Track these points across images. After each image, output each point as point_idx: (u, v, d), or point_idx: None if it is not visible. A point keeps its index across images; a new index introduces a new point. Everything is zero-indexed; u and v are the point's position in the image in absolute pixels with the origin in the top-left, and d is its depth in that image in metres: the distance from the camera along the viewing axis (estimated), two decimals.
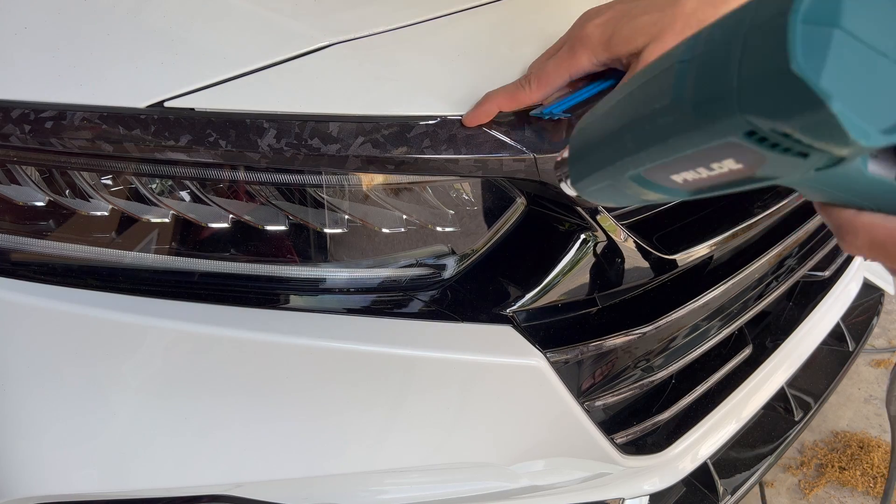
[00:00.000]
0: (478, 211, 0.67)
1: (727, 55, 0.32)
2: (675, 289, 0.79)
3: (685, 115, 0.35)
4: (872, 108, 0.29)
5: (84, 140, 0.57)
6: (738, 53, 0.31)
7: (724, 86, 0.32)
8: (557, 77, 0.57)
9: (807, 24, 0.29)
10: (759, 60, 0.30)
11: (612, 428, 0.81)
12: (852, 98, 0.29)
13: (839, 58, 0.28)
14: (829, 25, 0.29)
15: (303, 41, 0.61)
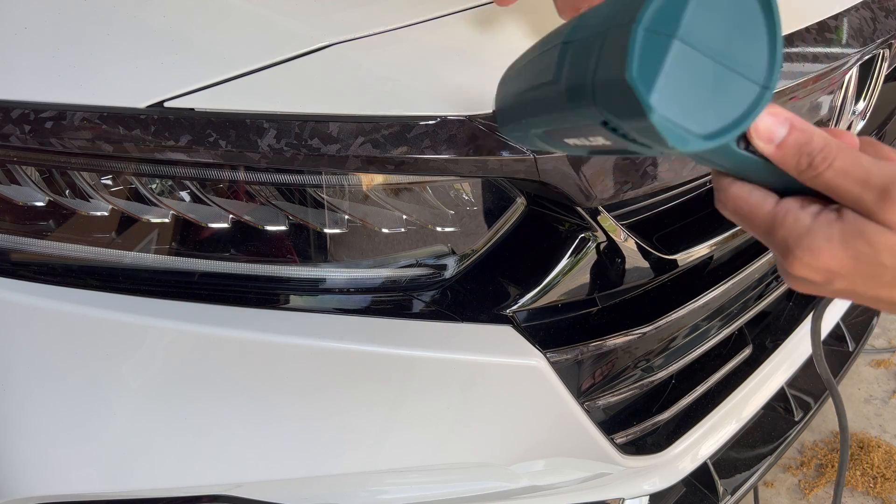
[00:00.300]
0: (478, 211, 0.67)
1: (592, 49, 0.35)
2: (675, 289, 0.79)
3: (560, 96, 0.38)
4: (698, 115, 0.32)
5: (84, 140, 0.57)
6: (598, 50, 0.34)
7: (587, 79, 0.35)
8: None
9: (648, 33, 0.31)
10: (609, 63, 0.33)
11: (612, 428, 0.81)
12: (678, 107, 0.32)
13: (673, 69, 0.31)
14: (668, 36, 0.31)
15: (303, 41, 0.60)
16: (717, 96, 0.33)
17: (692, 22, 0.32)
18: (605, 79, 0.33)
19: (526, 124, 0.45)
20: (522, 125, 0.45)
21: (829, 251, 0.36)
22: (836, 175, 0.35)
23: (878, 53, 0.88)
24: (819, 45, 0.77)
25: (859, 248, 0.35)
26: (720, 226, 0.79)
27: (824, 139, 0.36)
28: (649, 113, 0.31)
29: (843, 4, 0.84)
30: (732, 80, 0.33)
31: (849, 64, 0.81)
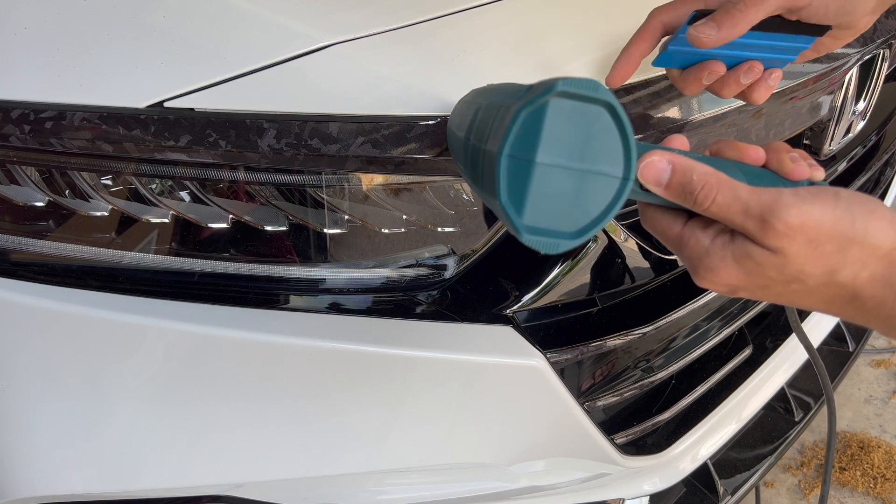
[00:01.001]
0: (478, 211, 0.67)
1: (477, 159, 0.40)
2: (675, 289, 0.78)
3: (466, 176, 0.46)
4: (567, 218, 0.38)
5: (84, 140, 0.57)
6: (481, 163, 0.39)
7: (477, 181, 0.41)
8: (692, 3, 0.52)
9: (511, 160, 0.36)
10: (488, 181, 0.38)
11: (612, 428, 0.81)
12: (548, 217, 0.37)
13: (539, 187, 0.36)
14: (529, 161, 0.36)
15: (303, 41, 0.60)
16: (582, 197, 0.38)
17: (548, 141, 0.36)
18: (487, 193, 0.39)
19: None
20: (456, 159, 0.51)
21: (724, 269, 0.42)
22: (719, 209, 0.40)
23: (878, 53, 0.88)
24: None
25: (749, 267, 0.41)
26: None
27: (704, 177, 0.41)
28: (520, 234, 0.37)
29: None
30: (594, 180, 0.38)
31: (849, 64, 0.81)
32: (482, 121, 0.41)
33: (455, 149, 0.49)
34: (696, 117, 0.65)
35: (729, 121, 0.68)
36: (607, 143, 0.37)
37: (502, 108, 0.38)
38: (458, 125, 0.48)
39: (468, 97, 0.51)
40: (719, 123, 0.68)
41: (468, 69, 0.61)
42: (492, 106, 0.41)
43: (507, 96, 0.40)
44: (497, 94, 0.43)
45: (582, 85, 0.36)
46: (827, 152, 0.89)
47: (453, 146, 0.50)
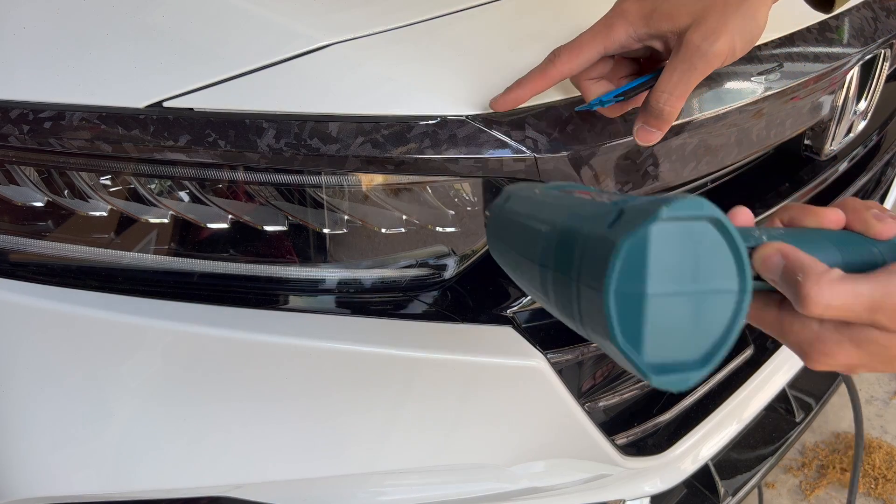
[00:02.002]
0: (478, 211, 0.66)
1: (570, 293, 0.37)
2: None
3: (550, 307, 0.41)
4: (690, 345, 0.34)
5: (83, 140, 0.57)
6: (577, 299, 0.36)
7: (574, 317, 0.37)
8: (591, 48, 0.54)
9: (620, 297, 0.33)
10: (593, 321, 0.34)
11: (612, 429, 0.81)
12: (670, 350, 0.34)
13: (655, 320, 0.33)
14: (640, 294, 0.33)
15: (303, 41, 0.60)
16: (700, 319, 0.34)
17: (656, 270, 0.33)
18: (594, 333, 0.35)
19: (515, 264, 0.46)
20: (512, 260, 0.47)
21: (843, 353, 0.39)
22: (839, 309, 0.37)
23: (879, 53, 0.87)
24: (820, 45, 0.77)
25: (871, 349, 0.38)
26: None
27: (816, 275, 0.37)
28: (647, 376, 0.33)
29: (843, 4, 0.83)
30: (710, 299, 0.34)
31: (850, 64, 0.80)
32: (562, 248, 0.38)
33: (514, 264, 0.46)
34: (697, 117, 0.65)
35: (730, 121, 0.68)
36: (717, 258, 0.34)
37: (591, 239, 0.35)
38: (519, 243, 0.44)
39: (516, 207, 0.47)
40: (720, 123, 0.67)
41: (468, 69, 0.61)
42: (571, 232, 0.37)
43: (587, 221, 0.36)
44: (571, 216, 0.39)
45: (687, 206, 0.33)
46: (828, 152, 0.89)
47: (513, 262, 0.47)
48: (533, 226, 0.43)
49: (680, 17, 0.51)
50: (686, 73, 0.51)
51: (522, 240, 0.44)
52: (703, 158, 0.69)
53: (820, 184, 0.90)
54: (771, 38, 0.74)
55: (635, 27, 0.53)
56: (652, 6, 0.52)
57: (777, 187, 0.86)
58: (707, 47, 0.50)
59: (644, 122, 0.54)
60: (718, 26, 0.50)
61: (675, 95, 0.52)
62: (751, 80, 0.69)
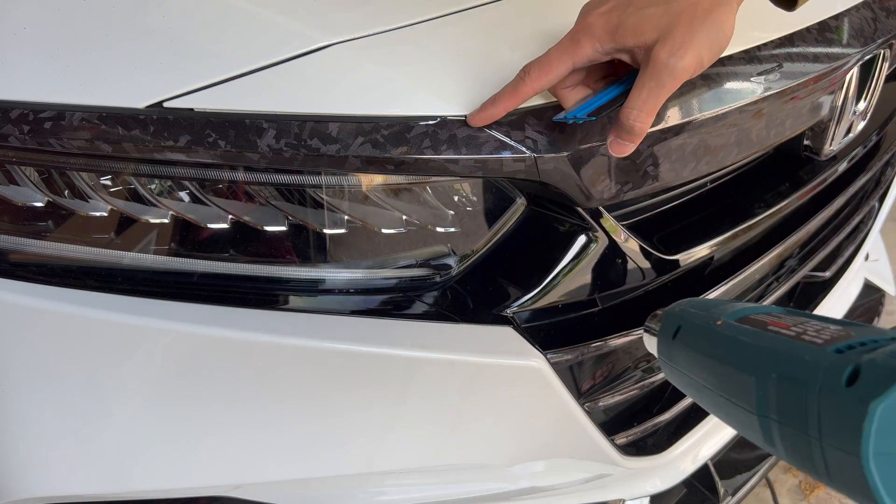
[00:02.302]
0: (478, 211, 0.66)
1: (811, 449, 0.35)
2: (676, 289, 0.78)
3: (775, 451, 0.39)
4: None
5: (83, 140, 0.57)
6: (821, 458, 0.34)
7: (819, 471, 0.35)
8: (560, 64, 0.55)
9: (880, 457, 0.31)
10: (847, 482, 0.33)
11: (612, 429, 0.81)
12: None
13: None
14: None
15: (303, 41, 0.60)
16: None
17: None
18: (848, 491, 0.34)
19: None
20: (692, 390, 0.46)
21: None
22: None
23: (878, 53, 0.87)
24: (820, 45, 0.77)
25: None
26: (721, 226, 0.79)
27: None
28: None
29: (843, 4, 0.83)
30: None
31: (849, 64, 0.80)
32: (785, 400, 0.37)
33: (713, 403, 0.44)
34: (698, 117, 0.65)
35: (730, 121, 0.68)
36: None
37: (828, 397, 0.34)
38: (716, 383, 0.43)
39: (700, 343, 0.46)
40: (720, 123, 0.67)
41: (468, 69, 0.61)
42: (795, 385, 0.36)
43: (811, 373, 0.35)
44: (784, 363, 0.37)
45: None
46: (827, 152, 0.89)
47: (711, 401, 0.45)
48: (736, 369, 0.41)
49: (645, 32, 0.51)
50: (655, 91, 0.51)
51: (723, 382, 0.42)
52: (703, 159, 0.69)
53: (819, 184, 0.90)
54: (770, 39, 0.74)
55: (602, 42, 0.53)
56: (618, 20, 0.52)
57: (777, 187, 0.86)
58: (675, 63, 0.50)
59: (616, 136, 0.55)
60: (685, 41, 0.50)
61: (645, 112, 0.53)
62: (750, 81, 0.69)
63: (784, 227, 0.90)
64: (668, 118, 0.63)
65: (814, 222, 0.92)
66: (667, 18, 0.50)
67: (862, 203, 1.09)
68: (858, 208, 1.08)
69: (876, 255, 1.41)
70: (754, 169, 0.89)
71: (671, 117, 0.64)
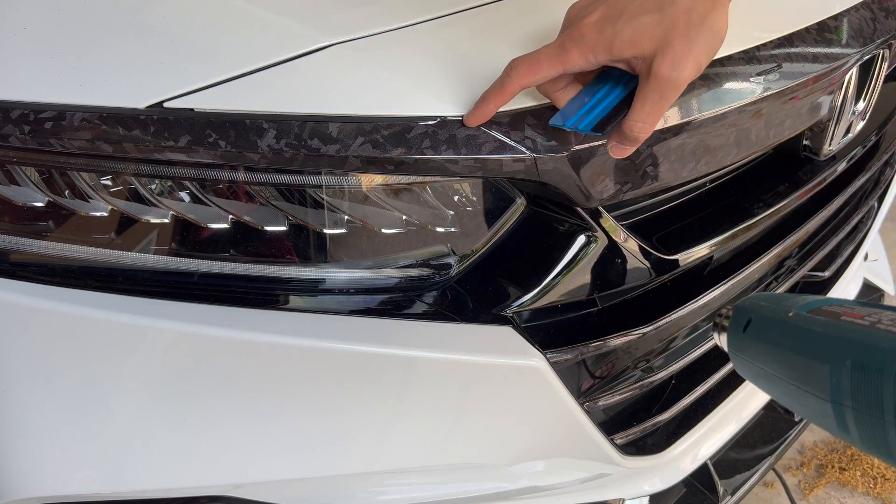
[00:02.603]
0: (478, 211, 0.67)
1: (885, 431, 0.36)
2: (676, 289, 0.78)
3: (847, 436, 0.40)
4: None
5: (83, 140, 0.57)
6: (893, 425, 0.35)
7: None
8: (549, 68, 0.54)
9: None
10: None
11: (612, 428, 0.81)
12: None
13: None
14: None
15: (303, 41, 0.60)
16: None
17: None
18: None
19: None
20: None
21: None
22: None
23: (878, 54, 0.88)
24: (819, 45, 0.77)
25: None
26: (720, 226, 0.79)
27: None
28: None
29: (843, 4, 0.84)
30: None
31: (849, 64, 0.81)
32: (862, 388, 0.37)
33: (785, 392, 0.45)
34: (697, 117, 0.65)
35: (729, 121, 0.68)
36: None
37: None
38: (789, 372, 0.44)
39: (772, 335, 0.47)
40: (719, 123, 0.68)
41: (468, 69, 0.61)
42: (872, 372, 0.37)
43: (890, 360, 0.36)
44: (862, 352, 0.38)
45: None
46: (827, 152, 0.89)
47: (784, 390, 0.46)
48: (809, 358, 0.42)
49: (643, 44, 0.50)
50: (658, 103, 0.52)
51: (796, 371, 0.43)
52: (703, 159, 0.69)
53: (819, 184, 0.90)
54: (770, 39, 0.74)
55: (595, 54, 0.52)
56: (612, 32, 0.51)
57: (776, 187, 0.86)
58: (677, 76, 0.50)
59: (618, 142, 0.57)
60: (684, 52, 0.50)
61: (649, 123, 0.54)
62: (750, 81, 0.70)
63: (783, 226, 0.90)
64: (667, 118, 0.64)
65: (813, 222, 0.92)
66: (662, 28, 0.50)
67: (861, 203, 1.09)
68: (857, 208, 1.08)
69: (875, 255, 1.41)
70: (754, 169, 0.89)
71: (671, 117, 0.64)
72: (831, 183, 0.95)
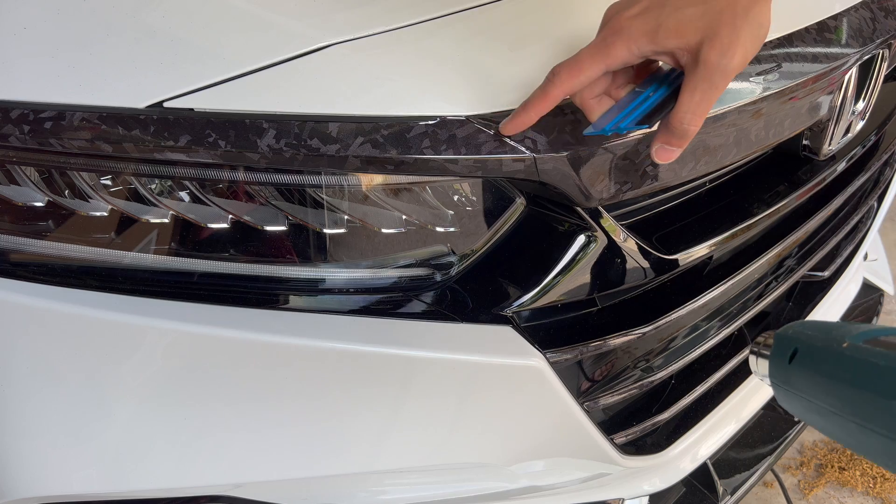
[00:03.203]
0: (477, 211, 0.67)
1: None
2: (675, 289, 0.79)
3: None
4: None
5: (83, 140, 0.57)
6: None
7: None
8: (592, 66, 0.53)
9: None
10: None
11: (611, 428, 0.81)
12: None
13: None
14: None
15: (303, 41, 0.60)
16: None
17: None
18: None
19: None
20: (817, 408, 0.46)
21: None
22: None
23: (877, 53, 0.88)
24: (819, 45, 0.77)
25: None
26: (720, 226, 0.79)
27: None
28: None
29: (842, 4, 0.84)
30: None
31: (848, 64, 0.81)
32: None
33: (842, 429, 0.44)
34: None
35: (728, 121, 0.68)
36: None
37: None
38: (850, 407, 0.42)
39: (825, 367, 0.45)
40: (719, 123, 0.68)
41: (468, 69, 0.61)
42: None
43: None
44: None
45: None
46: (826, 152, 0.89)
47: (840, 427, 0.44)
48: (871, 393, 0.40)
49: (689, 34, 0.50)
50: (708, 92, 0.51)
51: (855, 406, 0.41)
52: (702, 159, 0.69)
53: (818, 184, 0.90)
54: (770, 39, 0.74)
55: (639, 45, 0.52)
56: (656, 22, 0.51)
57: (775, 187, 0.86)
58: (726, 64, 0.49)
59: (665, 143, 0.54)
60: (732, 40, 0.49)
61: (699, 115, 0.52)
62: (749, 81, 0.70)
63: (783, 226, 0.90)
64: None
65: (812, 222, 0.92)
66: (708, 18, 0.49)
67: (860, 203, 1.09)
68: (857, 208, 1.08)
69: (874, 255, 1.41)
70: (753, 169, 0.89)
71: None
72: (831, 183, 0.95)
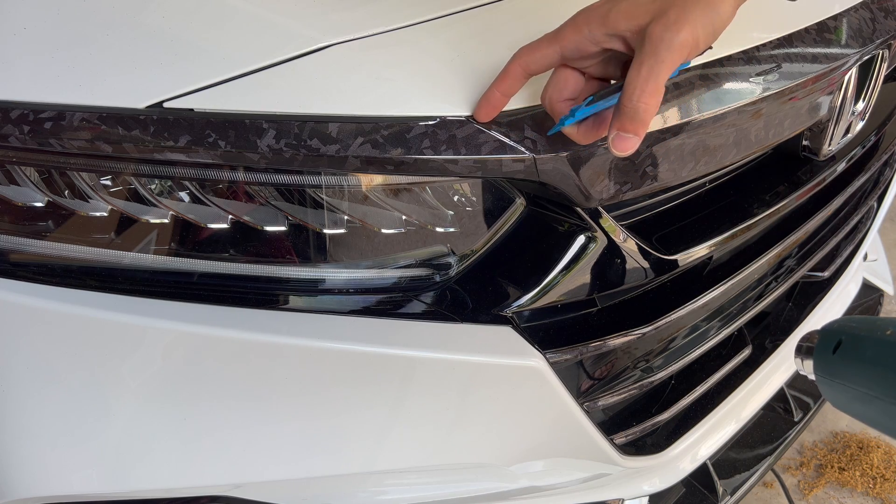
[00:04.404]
0: (477, 211, 0.67)
1: None
2: (675, 289, 0.79)
3: None
4: None
5: (83, 141, 0.57)
6: None
7: None
8: (547, 47, 0.54)
9: None
10: None
11: (611, 428, 0.81)
12: None
13: None
14: None
15: (303, 41, 0.60)
16: None
17: None
18: None
19: None
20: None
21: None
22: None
23: (877, 54, 0.88)
24: (818, 46, 0.77)
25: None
26: (720, 226, 0.79)
27: None
28: None
29: (842, 4, 0.84)
30: None
31: (848, 64, 0.81)
32: None
33: (884, 412, 0.44)
34: (696, 117, 0.65)
35: (728, 121, 0.68)
36: None
37: None
38: (893, 391, 0.43)
39: (872, 355, 0.46)
40: (718, 123, 0.68)
41: (468, 69, 0.61)
42: None
43: None
44: None
45: None
46: (826, 153, 0.89)
47: None
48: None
49: (639, 15, 0.50)
50: (655, 67, 0.49)
51: None
52: (702, 159, 0.69)
53: (818, 184, 0.90)
54: (769, 39, 0.74)
55: (590, 28, 0.52)
56: (608, 7, 0.52)
57: (775, 188, 0.86)
58: (671, 37, 0.49)
59: (619, 129, 0.52)
60: (679, 17, 0.49)
61: (647, 91, 0.50)
62: (749, 81, 0.70)
63: (783, 227, 0.90)
64: (666, 118, 0.64)
65: (812, 222, 0.92)
66: (659, 3, 0.50)
67: (860, 203, 1.10)
68: (857, 208, 1.08)
69: (874, 255, 1.41)
70: (753, 169, 0.89)
71: (670, 118, 0.64)
72: (830, 183, 0.95)
